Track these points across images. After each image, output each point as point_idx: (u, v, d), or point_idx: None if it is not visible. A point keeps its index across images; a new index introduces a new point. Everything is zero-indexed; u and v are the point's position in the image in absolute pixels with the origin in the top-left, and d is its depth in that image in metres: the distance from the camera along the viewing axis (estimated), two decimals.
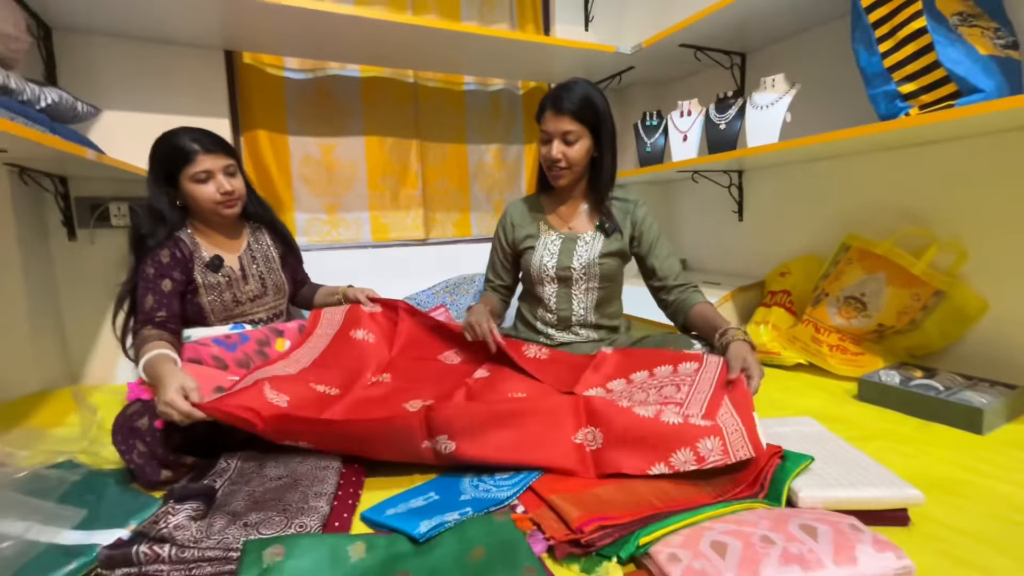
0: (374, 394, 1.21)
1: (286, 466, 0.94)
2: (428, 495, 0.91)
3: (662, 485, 0.88)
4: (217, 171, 1.22)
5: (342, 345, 1.34)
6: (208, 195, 1.22)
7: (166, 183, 1.23)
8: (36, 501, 0.78)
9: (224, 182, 1.23)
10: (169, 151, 1.21)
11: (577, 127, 1.25)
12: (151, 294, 1.18)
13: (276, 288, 1.40)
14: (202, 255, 1.27)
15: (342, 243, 1.98)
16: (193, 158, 1.19)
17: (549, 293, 1.38)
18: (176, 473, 1.00)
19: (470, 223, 2.20)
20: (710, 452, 0.89)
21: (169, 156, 1.21)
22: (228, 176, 1.25)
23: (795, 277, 1.74)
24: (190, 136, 1.21)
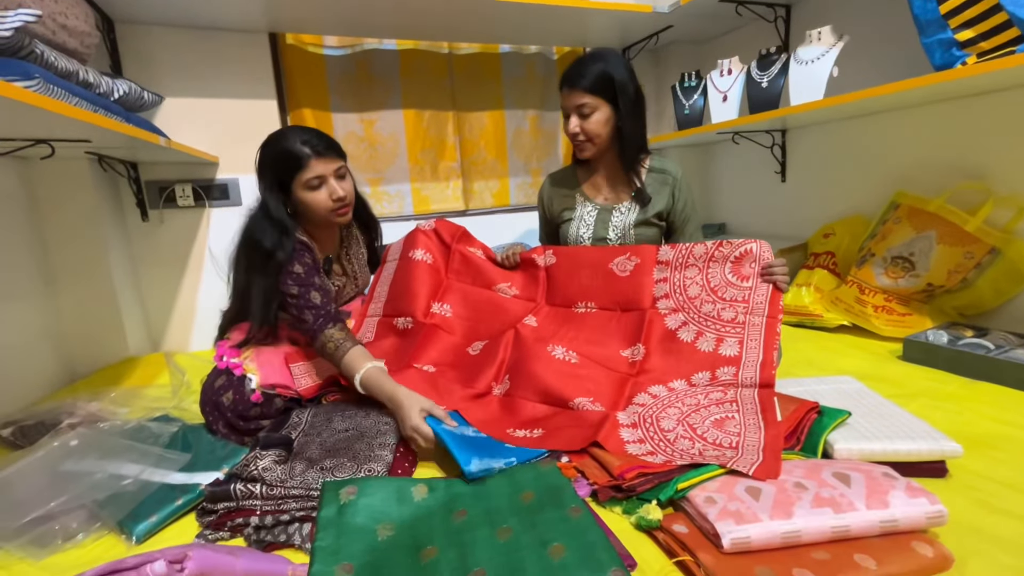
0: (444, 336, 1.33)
1: (352, 420, 1.04)
2: (476, 431, 1.01)
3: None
4: (329, 175, 1.14)
5: (404, 270, 1.44)
6: (322, 203, 1.15)
7: (279, 189, 1.15)
8: (146, 447, 0.90)
9: (337, 187, 1.15)
10: (280, 156, 1.12)
11: (591, 99, 1.26)
12: (314, 291, 1.14)
13: (363, 283, 1.46)
14: (316, 256, 1.22)
15: (385, 216, 2.06)
16: (306, 164, 1.10)
17: None
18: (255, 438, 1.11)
19: (508, 192, 2.24)
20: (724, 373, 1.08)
21: (281, 162, 1.12)
22: (339, 179, 1.17)
23: (840, 238, 1.70)
24: (301, 139, 1.11)
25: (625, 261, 1.30)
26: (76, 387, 1.42)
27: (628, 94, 1.27)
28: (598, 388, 1.12)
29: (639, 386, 1.13)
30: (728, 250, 1.21)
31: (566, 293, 1.36)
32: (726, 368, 1.12)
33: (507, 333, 1.27)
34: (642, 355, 1.19)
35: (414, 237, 1.50)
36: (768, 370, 1.08)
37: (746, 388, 1.08)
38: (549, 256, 1.40)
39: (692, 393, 1.10)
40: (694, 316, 1.20)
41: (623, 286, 1.30)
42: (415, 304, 1.39)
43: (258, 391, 1.10)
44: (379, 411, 1.08)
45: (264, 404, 1.10)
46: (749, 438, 0.92)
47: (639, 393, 1.11)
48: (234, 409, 1.07)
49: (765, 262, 1.17)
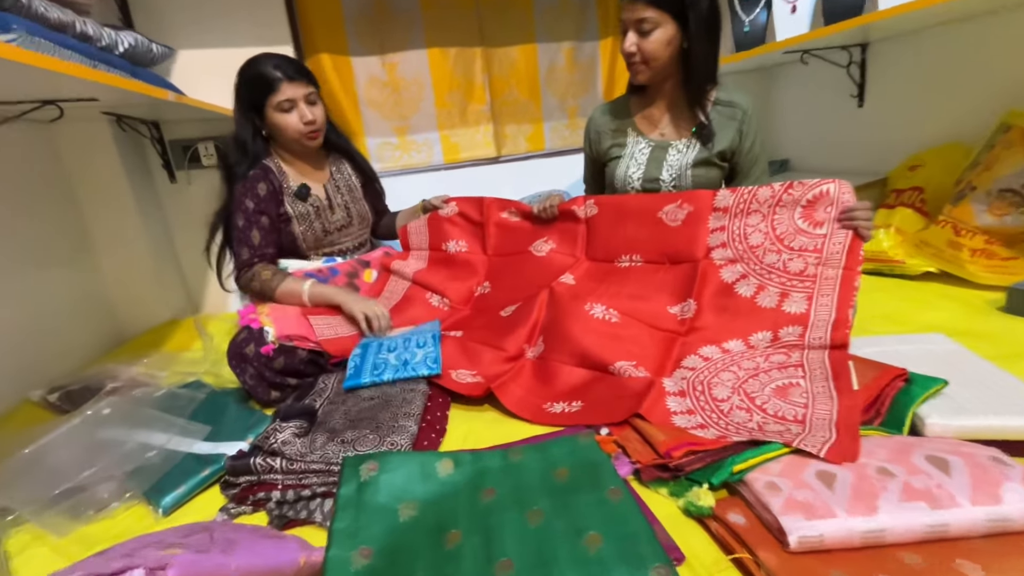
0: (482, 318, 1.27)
1: (378, 389, 0.99)
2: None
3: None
4: (300, 99, 1.21)
5: (439, 263, 1.41)
6: (292, 125, 1.22)
7: (252, 112, 1.23)
8: (172, 418, 0.89)
9: (307, 111, 1.22)
10: (253, 79, 1.20)
11: (654, 14, 1.07)
12: (256, 229, 1.23)
13: (360, 218, 1.43)
14: (290, 184, 1.29)
15: (414, 167, 1.95)
16: (277, 86, 1.19)
17: None
18: (283, 393, 1.10)
19: (543, 136, 2.08)
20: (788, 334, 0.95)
21: (253, 84, 1.20)
22: (310, 104, 1.24)
23: (930, 170, 1.46)
24: (272, 63, 1.20)
25: (676, 210, 1.16)
26: (121, 351, 1.45)
27: (700, 10, 1.08)
28: (642, 350, 1.02)
29: (688, 347, 1.02)
30: (799, 192, 1.04)
31: (608, 246, 1.24)
32: (791, 328, 0.98)
33: (541, 293, 1.17)
34: (693, 312, 1.06)
35: (440, 228, 1.43)
36: (841, 330, 0.93)
37: (814, 350, 0.94)
38: (590, 207, 1.27)
39: (750, 356, 0.97)
40: (755, 267, 1.06)
41: (673, 237, 1.15)
42: (456, 288, 1.37)
43: (273, 343, 1.09)
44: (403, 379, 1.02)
45: (286, 355, 1.09)
46: (819, 410, 0.79)
47: (688, 355, 1.00)
48: (258, 359, 1.07)
49: (845, 205, 1.00)
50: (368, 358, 1.07)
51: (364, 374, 1.02)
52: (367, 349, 1.11)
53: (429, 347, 1.08)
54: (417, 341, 1.12)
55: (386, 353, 1.08)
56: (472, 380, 1.04)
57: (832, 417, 0.77)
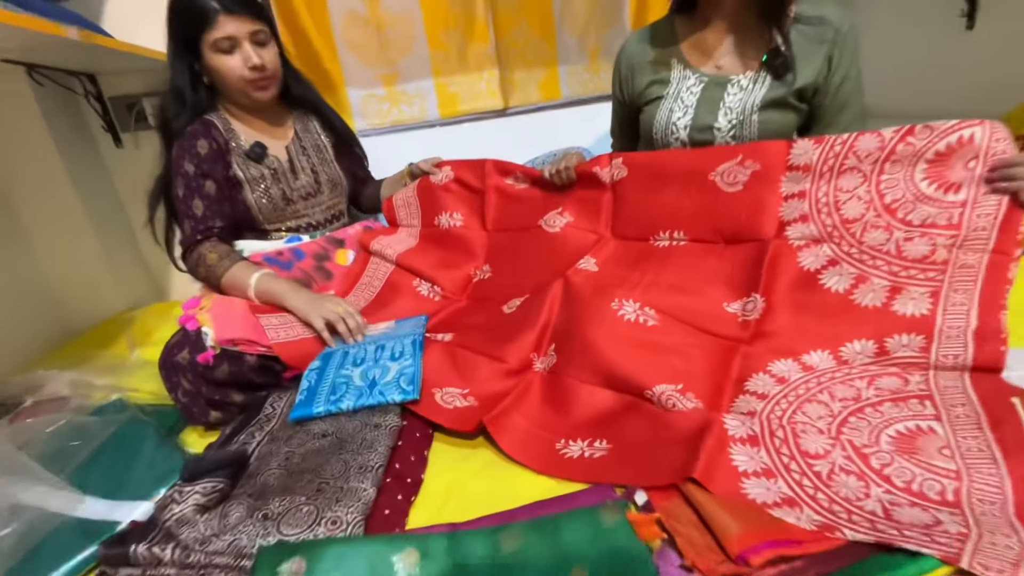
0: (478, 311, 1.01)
1: (333, 419, 0.74)
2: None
3: None
4: (243, 38, 0.97)
5: (431, 240, 1.15)
6: (234, 71, 0.99)
7: (187, 53, 1.00)
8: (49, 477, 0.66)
9: (252, 53, 0.98)
10: (183, 10, 0.97)
11: None
12: (199, 197, 1.01)
13: (331, 184, 1.18)
14: (240, 143, 1.06)
15: (405, 123, 1.66)
16: (213, 20, 0.95)
17: None
18: (226, 413, 0.87)
19: (559, 82, 1.73)
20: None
21: (185, 17, 0.97)
22: (257, 45, 1.00)
23: None
24: None
25: (736, 168, 0.85)
26: (62, 352, 1.24)
27: None
28: (690, 367, 0.74)
29: (754, 360, 0.74)
30: (924, 140, 0.73)
31: (642, 220, 0.95)
32: (906, 336, 0.69)
33: (554, 284, 0.89)
34: (759, 310, 0.78)
35: (433, 198, 1.15)
36: (992, 344, 0.64)
37: (946, 372, 0.65)
38: (618, 167, 0.97)
39: (845, 377, 0.69)
40: (850, 250, 0.76)
41: (731, 206, 0.86)
42: (450, 275, 1.10)
43: (212, 348, 0.86)
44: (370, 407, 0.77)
45: (231, 362, 0.86)
46: (981, 486, 0.51)
47: (755, 373, 0.72)
48: (194, 371, 0.85)
49: (998, 159, 0.68)
50: (327, 375, 0.82)
51: (317, 401, 0.77)
52: (328, 362, 0.86)
53: (406, 360, 0.83)
54: (393, 350, 0.86)
55: (350, 368, 0.83)
56: (462, 405, 0.78)
57: (1008, 503, 0.49)
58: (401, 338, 0.89)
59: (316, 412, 0.75)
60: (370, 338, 0.93)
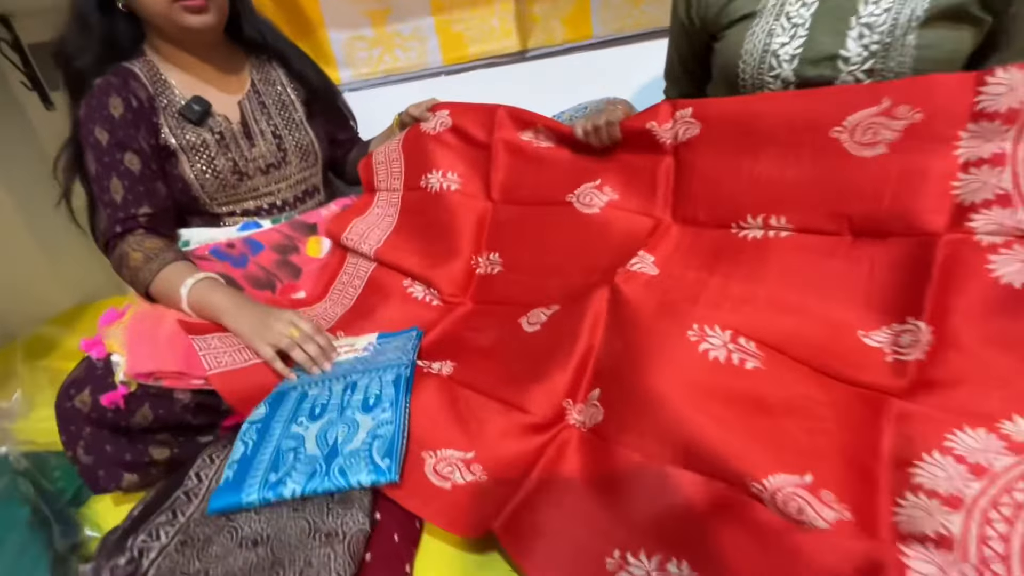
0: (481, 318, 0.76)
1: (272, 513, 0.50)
2: None
3: None
4: None
5: (415, 215, 0.88)
6: None
7: None
8: None
9: None
10: None
11: None
12: (116, 177, 0.76)
13: (300, 151, 0.91)
14: (173, 97, 0.81)
15: (401, 72, 1.35)
16: None
17: None
18: (145, 476, 0.64)
19: (589, 16, 1.39)
20: None
21: None
22: None
23: None
24: None
25: (878, 120, 0.55)
26: None
27: None
28: (818, 442, 0.47)
29: (919, 428, 0.46)
30: None
31: (720, 197, 0.66)
32: None
33: (595, 294, 0.62)
34: (926, 346, 0.50)
35: (422, 152, 0.87)
36: None
37: None
38: (685, 121, 0.68)
39: None
40: None
41: (867, 178, 0.57)
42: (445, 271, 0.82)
43: (125, 385, 0.63)
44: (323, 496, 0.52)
45: (154, 402, 0.64)
46: None
47: (925, 454, 0.45)
48: (98, 419, 0.62)
49: None
50: (271, 434, 0.57)
51: (250, 480, 0.52)
52: (277, 408, 0.61)
53: (384, 411, 0.57)
54: (367, 393, 0.61)
55: (305, 423, 0.58)
56: (464, 480, 0.53)
57: None
58: (380, 371, 0.64)
59: (246, 501, 0.51)
60: (340, 366, 0.68)
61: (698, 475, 0.48)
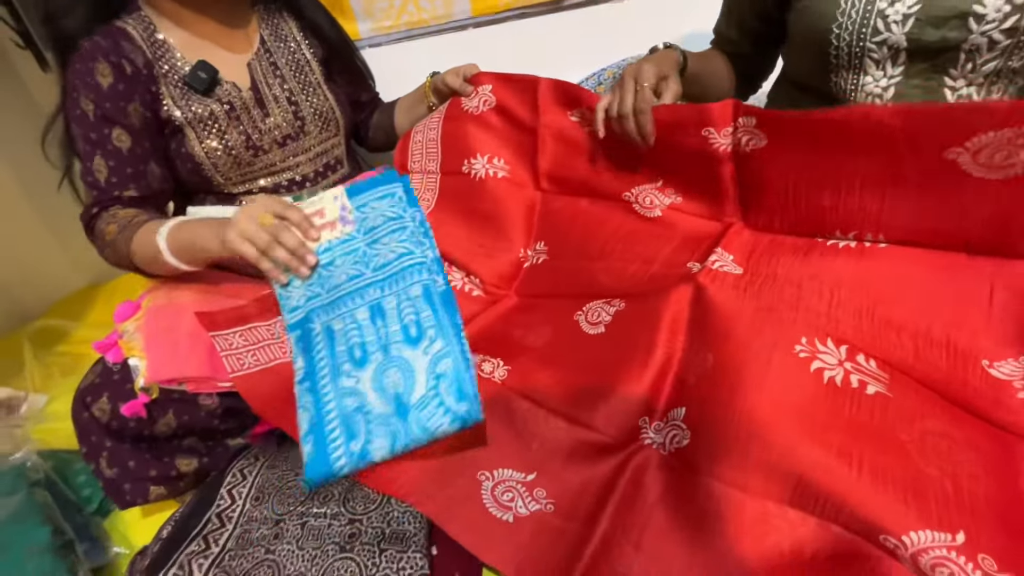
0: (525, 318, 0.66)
1: (316, 548, 0.44)
2: None
3: None
4: None
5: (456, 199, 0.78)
6: None
7: None
8: None
9: None
10: None
11: None
12: (100, 155, 0.67)
13: (320, 118, 0.81)
14: (175, 62, 0.71)
15: (425, 25, 1.22)
16: None
17: (874, 91, 0.57)
18: (172, 487, 0.59)
19: None
20: None
21: None
22: None
23: None
24: None
25: (1008, 141, 0.44)
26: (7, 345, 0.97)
27: None
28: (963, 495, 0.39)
29: None
30: None
31: (799, 213, 0.56)
32: None
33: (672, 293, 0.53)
34: None
35: (464, 132, 0.77)
36: None
37: None
38: (749, 128, 0.57)
39: None
40: None
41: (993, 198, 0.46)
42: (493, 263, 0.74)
43: (146, 392, 0.58)
44: (378, 516, 0.46)
45: (179, 408, 0.59)
46: None
47: None
48: (119, 429, 0.58)
49: None
50: (324, 395, 0.51)
51: (333, 447, 0.47)
52: (310, 353, 0.55)
53: (435, 344, 0.52)
54: (403, 322, 0.54)
55: (352, 371, 0.52)
56: (528, 511, 0.47)
57: None
58: (397, 280, 0.57)
59: (339, 472, 0.46)
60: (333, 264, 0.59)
61: (814, 518, 0.40)
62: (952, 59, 0.53)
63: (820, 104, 0.62)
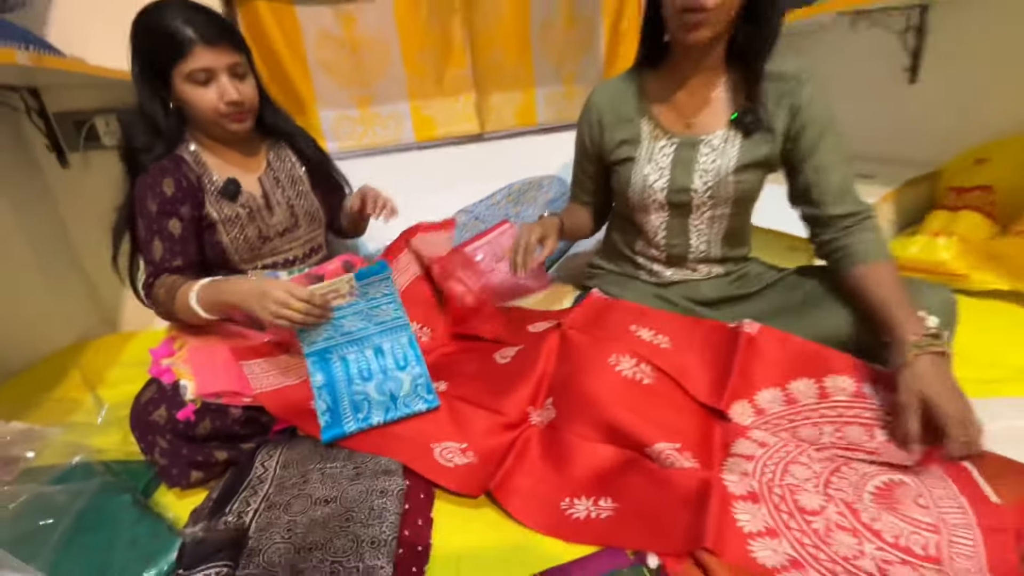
0: None
1: (334, 484, 0.72)
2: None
3: None
4: (220, 70, 0.90)
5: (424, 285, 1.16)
6: (209, 103, 0.91)
7: (155, 78, 0.91)
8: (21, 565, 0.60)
9: (230, 87, 0.90)
10: (155, 38, 0.88)
11: None
12: (159, 239, 0.92)
13: (309, 217, 1.11)
14: (213, 179, 0.99)
15: (379, 146, 1.62)
16: (188, 50, 0.87)
17: (656, 224, 0.99)
18: (208, 472, 0.83)
19: (535, 107, 1.75)
20: None
21: (156, 45, 0.89)
22: (235, 78, 0.92)
23: (1000, 167, 1.23)
24: (183, 17, 0.87)
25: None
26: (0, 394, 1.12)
27: None
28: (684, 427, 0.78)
29: (731, 428, 0.78)
30: None
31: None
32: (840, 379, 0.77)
33: (550, 336, 0.90)
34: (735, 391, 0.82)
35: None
36: None
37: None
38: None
39: (823, 414, 0.75)
40: None
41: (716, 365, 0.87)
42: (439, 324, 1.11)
43: (192, 403, 0.82)
44: (373, 465, 0.75)
45: (214, 416, 0.82)
46: (958, 541, 0.57)
47: (737, 439, 0.76)
48: (173, 429, 0.80)
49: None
50: (339, 393, 0.84)
51: (344, 420, 0.81)
52: (328, 370, 0.86)
53: (413, 367, 0.87)
54: (395, 357, 0.89)
55: (361, 383, 0.85)
56: (463, 462, 0.78)
57: (980, 555, 0.55)
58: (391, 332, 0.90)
59: (348, 431, 0.79)
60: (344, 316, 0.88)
61: (615, 447, 0.76)
62: (688, 209, 0.96)
63: (633, 228, 1.04)
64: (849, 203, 0.86)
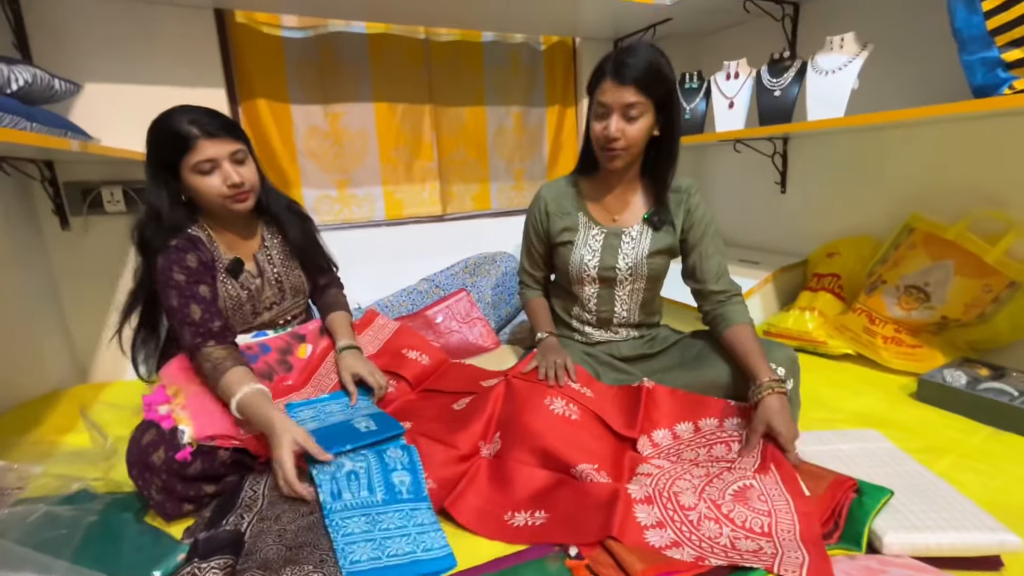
0: None
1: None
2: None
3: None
4: (223, 159, 1.03)
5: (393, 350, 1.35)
6: (214, 188, 1.03)
7: (167, 174, 1.04)
8: (47, 560, 0.71)
9: (232, 172, 1.03)
10: (164, 138, 1.01)
11: (642, 100, 1.05)
12: (194, 303, 1.02)
13: (294, 291, 1.25)
14: (220, 256, 1.12)
15: (354, 222, 1.85)
16: (193, 144, 1.00)
17: (589, 294, 1.25)
18: (198, 505, 0.94)
19: (489, 196, 2.06)
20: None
21: (165, 144, 1.02)
22: (236, 164, 1.05)
23: (845, 259, 1.61)
24: (188, 117, 1.00)
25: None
26: None
27: (676, 100, 1.09)
28: (602, 452, 0.99)
29: (639, 455, 1.01)
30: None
31: None
32: (710, 420, 1.04)
33: (498, 385, 1.11)
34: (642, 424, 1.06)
35: None
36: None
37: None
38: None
39: (698, 443, 0.99)
40: None
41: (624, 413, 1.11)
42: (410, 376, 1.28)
43: (190, 446, 0.93)
44: None
45: (204, 458, 0.93)
46: (782, 521, 0.80)
47: (641, 464, 0.98)
48: (168, 469, 0.90)
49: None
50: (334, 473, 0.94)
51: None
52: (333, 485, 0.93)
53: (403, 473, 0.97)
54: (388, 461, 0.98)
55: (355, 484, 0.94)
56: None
57: (795, 529, 0.78)
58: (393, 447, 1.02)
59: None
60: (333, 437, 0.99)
61: (548, 471, 0.96)
62: (614, 283, 1.23)
63: (570, 297, 1.31)
64: (723, 283, 1.16)
